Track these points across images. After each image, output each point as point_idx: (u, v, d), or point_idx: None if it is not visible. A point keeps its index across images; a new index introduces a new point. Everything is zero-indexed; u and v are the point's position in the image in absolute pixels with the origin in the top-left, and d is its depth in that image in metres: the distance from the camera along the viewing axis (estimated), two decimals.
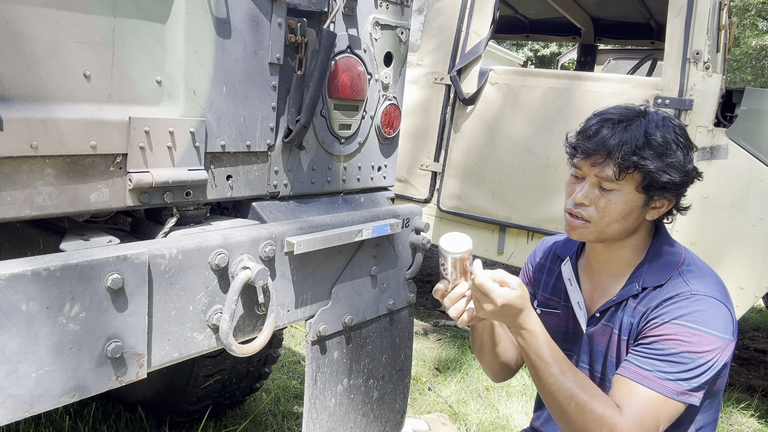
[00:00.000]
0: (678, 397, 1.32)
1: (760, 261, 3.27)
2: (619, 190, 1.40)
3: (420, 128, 4.27)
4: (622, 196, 1.40)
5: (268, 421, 2.97)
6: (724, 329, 1.34)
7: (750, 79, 18.52)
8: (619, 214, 1.41)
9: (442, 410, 3.32)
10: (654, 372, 1.33)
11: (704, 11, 3.39)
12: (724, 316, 1.36)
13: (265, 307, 1.52)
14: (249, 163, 1.61)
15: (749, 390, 4.07)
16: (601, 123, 1.42)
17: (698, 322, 1.33)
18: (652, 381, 1.33)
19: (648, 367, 1.34)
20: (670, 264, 1.46)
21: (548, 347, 1.38)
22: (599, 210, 1.42)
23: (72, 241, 1.34)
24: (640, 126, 1.39)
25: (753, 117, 3.31)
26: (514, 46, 21.00)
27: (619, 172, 1.37)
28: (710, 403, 1.48)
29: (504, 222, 4.02)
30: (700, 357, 1.32)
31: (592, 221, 1.44)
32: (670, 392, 1.32)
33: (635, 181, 1.39)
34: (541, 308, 1.69)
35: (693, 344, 1.32)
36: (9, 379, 1.10)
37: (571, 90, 3.80)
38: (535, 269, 1.76)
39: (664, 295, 1.41)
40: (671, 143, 1.38)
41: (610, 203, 1.41)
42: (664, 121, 1.42)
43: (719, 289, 1.40)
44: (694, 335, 1.32)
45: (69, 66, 1.23)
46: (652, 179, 1.37)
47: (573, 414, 1.32)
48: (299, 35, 1.60)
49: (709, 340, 1.32)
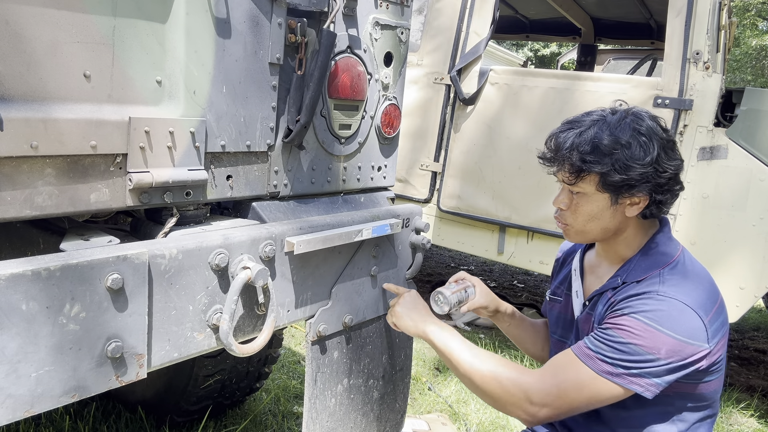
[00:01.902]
0: (612, 378, 1.35)
1: (760, 261, 3.27)
2: (583, 192, 1.48)
3: (420, 128, 4.27)
4: (587, 198, 1.48)
5: (268, 421, 2.97)
6: (685, 333, 1.34)
7: (750, 79, 18.52)
8: (589, 215, 1.49)
9: (442, 410, 3.32)
10: (596, 353, 1.38)
11: (704, 11, 3.39)
12: (689, 322, 1.35)
13: (265, 307, 1.52)
14: (249, 163, 1.61)
15: (749, 390, 4.07)
16: (560, 129, 1.52)
17: (655, 320, 1.35)
18: (590, 359, 1.39)
19: (593, 347, 1.40)
20: (655, 263, 1.48)
21: (456, 337, 1.55)
22: (572, 213, 1.52)
23: (72, 241, 1.34)
24: (592, 130, 1.45)
25: (753, 117, 3.31)
26: (514, 46, 21.00)
27: (572, 176, 1.47)
28: (699, 407, 1.47)
29: (504, 222, 4.02)
30: (647, 353, 1.34)
31: (570, 224, 1.54)
32: (602, 372, 1.36)
33: (593, 182, 1.46)
34: (550, 296, 1.80)
35: (643, 338, 1.34)
36: (9, 379, 1.10)
37: (571, 90, 3.80)
38: (557, 266, 1.87)
39: (635, 290, 1.44)
40: (624, 143, 1.42)
41: (579, 205, 1.50)
42: (623, 121, 1.45)
43: (696, 297, 1.39)
44: (646, 331, 1.34)
45: (69, 66, 1.23)
46: (605, 179, 1.43)
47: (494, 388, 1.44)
48: (299, 35, 1.60)
49: (662, 339, 1.33)
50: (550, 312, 1.79)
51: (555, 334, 1.74)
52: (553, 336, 1.75)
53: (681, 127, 3.45)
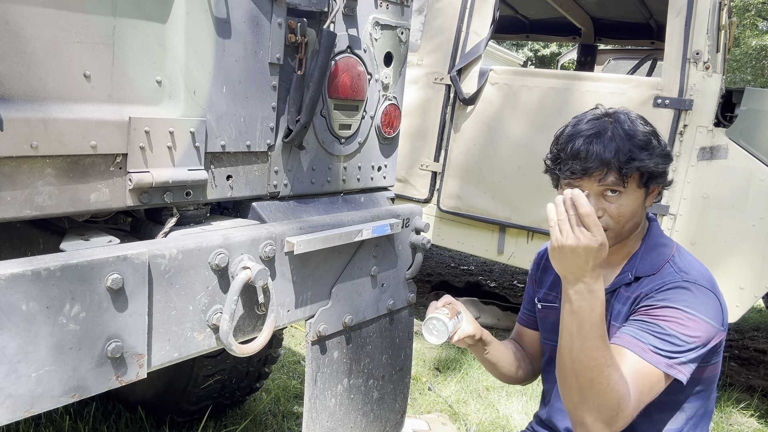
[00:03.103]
0: (666, 369, 1.38)
1: (760, 261, 3.27)
2: (624, 192, 1.47)
3: (420, 128, 4.27)
4: (629, 197, 1.48)
5: (268, 421, 2.97)
6: (714, 317, 1.42)
7: (750, 79, 18.52)
8: (632, 214, 1.49)
9: (442, 410, 3.32)
10: (647, 344, 1.39)
11: (704, 11, 3.39)
12: (714, 305, 1.43)
13: (265, 307, 1.52)
14: (249, 163, 1.61)
15: (749, 390, 4.07)
16: (587, 141, 1.46)
17: (693, 307, 1.40)
18: (644, 351, 1.39)
19: (642, 339, 1.40)
20: (662, 255, 1.53)
21: (602, 320, 1.36)
22: (614, 217, 1.48)
23: (72, 241, 1.34)
24: (619, 131, 1.46)
25: (753, 117, 3.31)
26: (514, 46, 21.00)
27: (620, 179, 1.45)
28: (702, 393, 1.52)
29: (504, 222, 4.02)
30: (692, 341, 1.39)
31: (610, 228, 1.49)
32: (659, 363, 1.38)
33: (636, 180, 1.47)
34: (542, 303, 1.75)
35: (687, 327, 1.39)
36: (9, 379, 1.10)
37: (570, 90, 3.80)
38: (538, 271, 1.83)
39: (657, 282, 1.48)
40: (649, 136, 1.48)
41: (622, 207, 1.48)
42: (628, 119, 1.50)
43: (708, 279, 1.48)
44: (690, 319, 1.39)
45: (69, 66, 1.23)
46: (650, 174, 1.47)
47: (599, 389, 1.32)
48: (299, 35, 1.60)
49: (702, 326, 1.39)
50: (543, 320, 1.75)
51: (551, 341, 1.69)
52: (548, 343, 1.71)
53: (681, 127, 3.45)
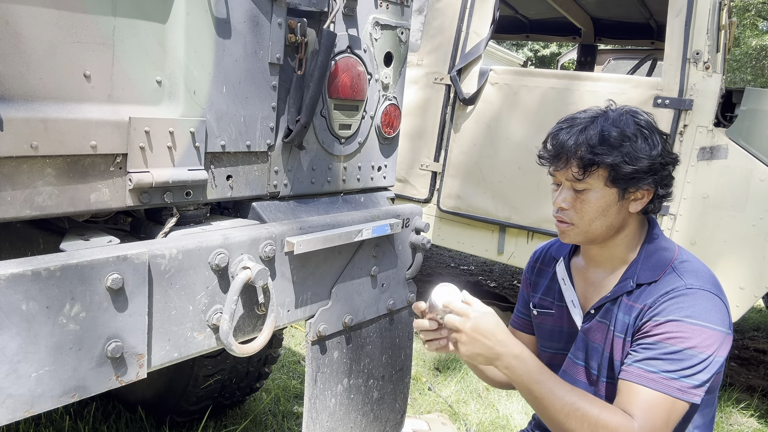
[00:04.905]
0: (683, 396, 1.32)
1: (760, 261, 3.27)
2: (590, 188, 1.46)
3: (420, 128, 4.27)
4: (595, 194, 1.46)
5: (268, 421, 2.97)
6: (721, 322, 1.35)
7: (750, 79, 18.51)
8: (596, 212, 1.47)
9: (442, 410, 3.32)
10: (658, 373, 1.33)
11: (704, 11, 3.39)
12: (720, 309, 1.37)
13: (265, 307, 1.52)
14: (249, 163, 1.61)
15: (749, 390, 4.07)
16: (559, 128, 1.50)
17: (697, 316, 1.34)
18: (657, 382, 1.32)
19: (651, 368, 1.34)
20: (663, 260, 1.48)
21: (540, 368, 1.38)
22: (577, 211, 1.48)
23: (72, 241, 1.34)
24: (596, 125, 1.45)
25: (753, 117, 3.31)
26: (514, 46, 21.00)
27: (580, 171, 1.44)
28: (707, 401, 1.48)
29: (504, 222, 4.02)
30: (701, 352, 1.32)
31: (575, 223, 1.49)
32: (675, 392, 1.32)
33: (602, 176, 1.44)
34: (537, 309, 1.72)
35: (693, 339, 1.33)
36: (9, 379, 1.10)
37: (570, 90, 3.80)
38: (532, 274, 1.79)
39: (660, 290, 1.42)
40: (630, 135, 1.44)
41: (585, 202, 1.47)
42: (623, 116, 1.47)
43: (713, 282, 1.42)
44: (694, 331, 1.33)
45: (69, 66, 1.23)
46: (616, 172, 1.42)
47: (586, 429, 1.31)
48: (299, 35, 1.60)
49: (709, 334, 1.33)
50: (539, 326, 1.71)
51: (548, 348, 1.68)
52: (546, 350, 1.69)
53: (681, 127, 3.45)
